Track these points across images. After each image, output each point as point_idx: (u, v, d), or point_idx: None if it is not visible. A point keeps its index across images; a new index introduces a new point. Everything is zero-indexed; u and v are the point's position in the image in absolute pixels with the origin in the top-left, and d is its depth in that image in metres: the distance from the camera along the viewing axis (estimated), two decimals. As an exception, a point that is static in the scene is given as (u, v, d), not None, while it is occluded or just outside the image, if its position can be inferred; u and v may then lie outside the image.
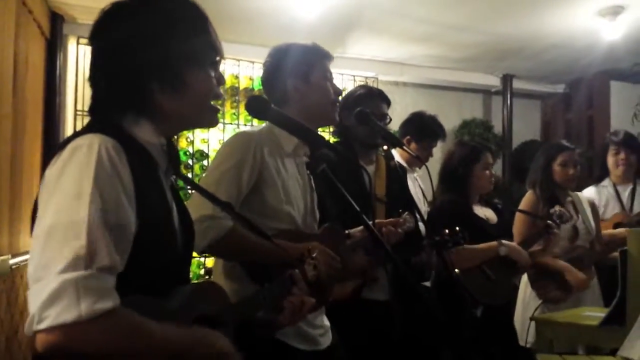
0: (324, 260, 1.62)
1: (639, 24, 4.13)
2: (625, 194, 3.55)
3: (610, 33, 4.20)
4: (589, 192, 3.63)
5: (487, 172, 2.93)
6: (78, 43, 4.22)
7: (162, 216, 1.09)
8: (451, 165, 2.96)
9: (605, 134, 5.46)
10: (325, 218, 1.93)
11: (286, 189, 1.74)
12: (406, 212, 2.28)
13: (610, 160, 3.60)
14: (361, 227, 2.04)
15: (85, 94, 4.11)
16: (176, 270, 1.14)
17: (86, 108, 4.00)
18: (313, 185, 1.89)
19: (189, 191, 3.75)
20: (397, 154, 3.21)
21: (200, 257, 4.51)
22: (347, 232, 2.06)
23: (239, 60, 4.63)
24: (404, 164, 3.17)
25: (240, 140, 1.73)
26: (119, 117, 1.10)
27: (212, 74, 1.17)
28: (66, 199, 0.94)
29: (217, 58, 1.19)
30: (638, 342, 1.83)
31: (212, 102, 1.19)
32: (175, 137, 4.45)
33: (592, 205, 3.34)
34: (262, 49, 1.92)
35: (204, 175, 2.03)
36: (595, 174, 3.72)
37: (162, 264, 1.07)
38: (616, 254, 2.78)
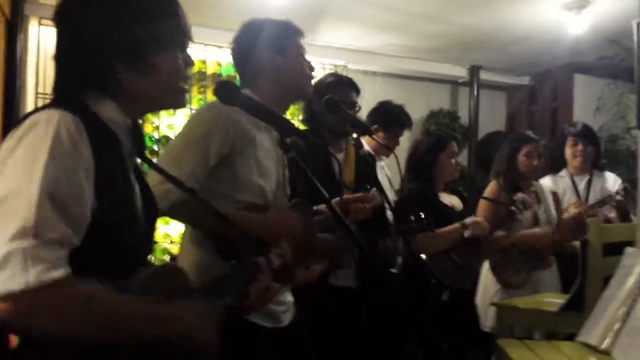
0: (291, 246, 1.61)
1: (603, 18, 4.21)
2: (582, 184, 3.64)
3: (576, 26, 4.28)
4: (546, 182, 3.72)
5: (453, 160, 2.98)
6: (40, 24, 4.09)
7: (123, 196, 1.07)
8: (418, 154, 3.02)
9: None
10: (294, 197, 1.93)
11: (259, 160, 1.73)
12: (374, 189, 2.30)
13: (568, 151, 3.68)
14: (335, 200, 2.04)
15: (47, 75, 4.01)
16: (137, 252, 1.13)
17: (48, 90, 3.90)
18: (285, 161, 1.88)
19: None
20: (365, 143, 3.22)
21: (165, 244, 4.46)
22: (315, 208, 2.07)
23: (206, 44, 4.57)
24: (372, 152, 3.18)
25: (211, 110, 1.71)
26: (82, 95, 1.08)
27: (180, 55, 1.16)
28: (19, 171, 0.92)
29: (186, 41, 1.18)
30: (596, 328, 1.88)
31: (180, 84, 1.18)
32: (141, 121, 4.38)
33: (554, 195, 3.41)
34: (230, 33, 1.89)
35: (170, 141, 1.99)
36: (555, 165, 3.80)
37: (122, 245, 1.05)
38: (575, 243, 2.86)
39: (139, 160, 1.24)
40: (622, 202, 3.34)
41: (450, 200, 3.03)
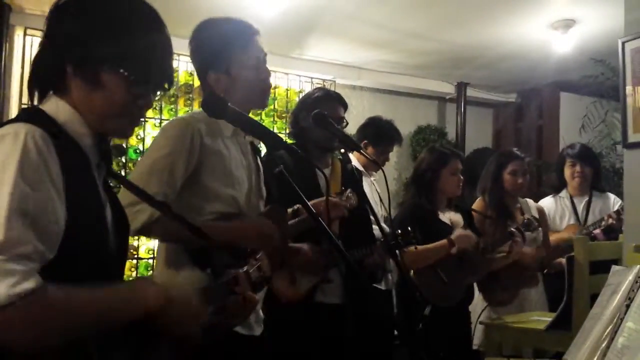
0: (269, 256, 1.60)
1: (588, 38, 4.27)
2: (581, 205, 3.65)
3: (562, 45, 4.33)
4: (547, 202, 3.73)
5: (455, 177, 2.99)
6: (25, 34, 4.05)
7: (93, 212, 1.05)
8: (420, 169, 3.06)
9: (554, 143, 5.67)
10: (270, 202, 1.92)
11: (228, 170, 1.71)
12: (348, 190, 2.30)
13: (567, 172, 3.70)
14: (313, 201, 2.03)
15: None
16: (108, 268, 1.10)
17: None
18: (260, 164, 1.86)
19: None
20: (354, 158, 3.22)
21: (148, 259, 4.40)
22: (295, 207, 2.05)
23: (179, 54, 4.49)
24: (361, 168, 3.18)
25: (176, 127, 1.69)
26: (49, 109, 1.06)
27: (135, 91, 1.09)
28: None
29: (157, 82, 1.12)
30: (583, 347, 1.87)
31: (122, 117, 1.11)
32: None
33: (541, 213, 3.42)
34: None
35: (137, 163, 1.98)
36: (554, 185, 3.82)
37: (92, 262, 1.03)
38: (562, 260, 2.86)
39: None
40: (612, 225, 3.35)
41: (450, 216, 3.03)
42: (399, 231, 2.47)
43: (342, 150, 2.45)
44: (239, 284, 1.33)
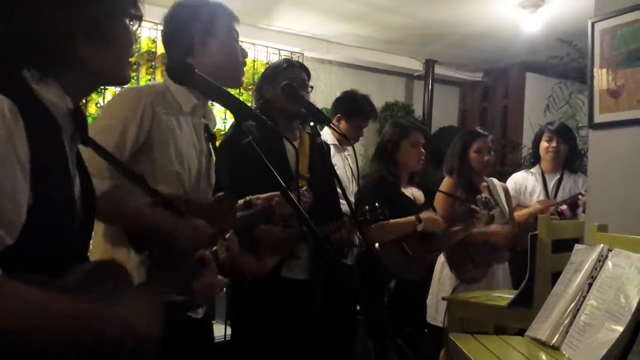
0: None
1: (557, 18, 4.29)
2: (552, 183, 3.71)
3: (530, 25, 4.34)
4: (518, 176, 3.79)
5: (415, 149, 2.99)
6: None
7: (61, 187, 0.99)
8: (382, 142, 3.09)
9: (519, 124, 5.73)
10: (219, 189, 1.88)
11: (178, 149, 1.67)
12: (305, 188, 2.27)
13: (542, 146, 3.75)
14: (263, 195, 2.01)
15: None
16: (74, 246, 1.05)
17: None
18: (212, 149, 1.82)
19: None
20: (328, 132, 3.17)
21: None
22: (247, 198, 2.01)
23: (157, 23, 4.27)
24: (336, 142, 3.13)
25: (129, 97, 1.64)
26: (23, 74, 0.98)
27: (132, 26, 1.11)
28: None
29: (137, 14, 1.12)
30: (545, 324, 1.90)
31: (129, 58, 1.13)
32: (83, 101, 4.18)
33: (506, 191, 3.46)
34: (166, 10, 1.81)
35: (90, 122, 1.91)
36: (521, 163, 3.88)
37: (58, 239, 0.97)
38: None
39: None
40: (578, 201, 3.43)
41: (413, 192, 3.05)
42: (367, 207, 2.46)
43: (312, 124, 2.40)
44: (205, 265, 1.30)
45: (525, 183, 3.73)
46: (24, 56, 0.98)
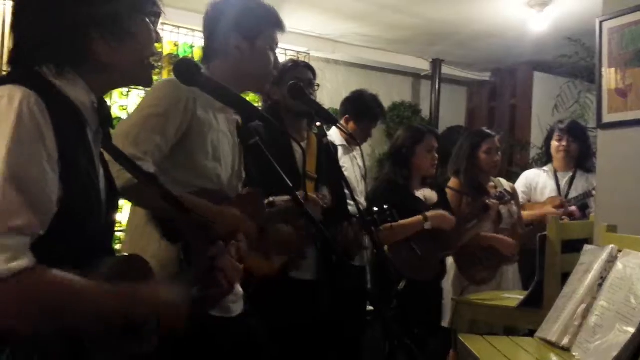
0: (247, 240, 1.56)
1: (565, 17, 4.26)
2: (564, 181, 3.68)
3: (538, 24, 4.32)
4: (531, 174, 3.78)
5: (430, 154, 3.00)
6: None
7: (87, 182, 1.00)
8: (396, 146, 3.08)
9: (527, 123, 5.70)
10: (248, 184, 1.87)
11: (215, 144, 1.65)
12: (324, 188, 2.26)
13: (553, 145, 3.73)
14: (286, 197, 1.99)
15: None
16: (99, 239, 1.06)
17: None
18: (240, 146, 1.81)
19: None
20: (337, 133, 3.15)
21: (117, 232, 4.30)
22: (271, 199, 2.01)
23: (163, 24, 4.40)
24: (344, 143, 3.12)
25: (171, 88, 1.61)
26: (46, 71, 0.99)
27: (153, 27, 1.11)
28: None
29: (159, 12, 1.13)
30: (555, 325, 1.88)
31: (150, 58, 1.13)
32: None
33: (513, 190, 3.44)
34: (189, 13, 1.80)
35: (124, 118, 1.91)
36: (531, 163, 3.86)
37: (84, 233, 0.99)
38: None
39: None
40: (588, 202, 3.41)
41: (424, 193, 3.04)
42: (376, 209, 2.45)
43: (319, 124, 2.40)
44: (224, 254, 1.29)
45: (537, 180, 3.71)
46: (43, 52, 1.00)
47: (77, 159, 0.98)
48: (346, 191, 2.32)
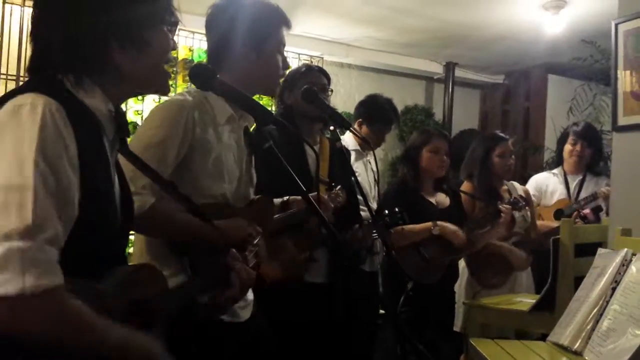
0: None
1: (580, 19, 4.24)
2: (574, 184, 3.67)
3: (552, 26, 4.30)
4: (541, 177, 3.76)
5: (436, 156, 2.99)
6: (4, 2, 3.92)
7: (103, 190, 1.01)
8: (406, 148, 3.14)
9: (541, 126, 5.67)
10: (258, 188, 1.87)
11: (218, 160, 1.65)
12: (338, 187, 2.27)
13: (566, 148, 3.70)
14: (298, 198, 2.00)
15: (11, 55, 3.85)
16: (113, 248, 1.07)
17: (11, 72, 3.71)
18: (251, 148, 1.81)
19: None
20: (350, 137, 3.15)
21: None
22: (285, 198, 2.02)
23: (178, 29, 4.44)
24: (357, 147, 3.12)
25: (170, 111, 1.61)
26: (64, 78, 1.01)
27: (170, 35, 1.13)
28: (8, 164, 0.86)
29: (175, 21, 1.14)
30: (568, 329, 1.87)
31: (166, 66, 1.14)
32: (123, 107, 4.23)
33: (527, 195, 3.43)
34: (202, 18, 1.80)
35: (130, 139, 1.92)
36: (544, 166, 3.84)
37: (99, 241, 1.00)
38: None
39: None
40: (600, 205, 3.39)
41: (436, 197, 3.05)
42: (386, 211, 2.46)
43: (332, 128, 2.41)
44: (237, 259, 1.30)
45: (546, 183, 3.69)
46: (62, 62, 1.01)
47: (95, 167, 0.99)
48: (359, 197, 2.33)
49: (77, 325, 0.88)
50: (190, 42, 4.49)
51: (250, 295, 1.81)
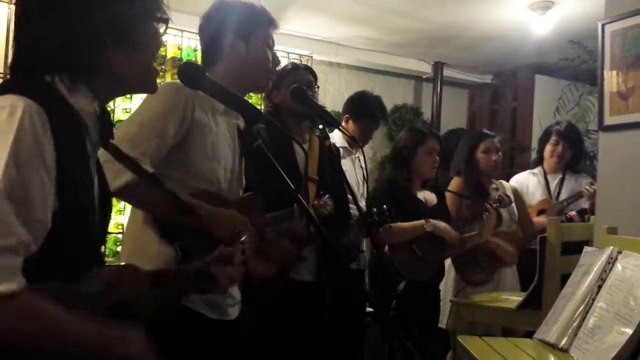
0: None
1: (567, 20, 4.27)
2: (554, 183, 3.71)
3: (540, 27, 4.32)
4: (521, 177, 3.78)
5: (431, 157, 3.01)
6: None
7: (83, 193, 0.99)
8: (398, 147, 3.09)
9: (528, 126, 5.71)
10: (247, 189, 1.89)
11: (215, 146, 1.67)
12: (327, 196, 2.27)
13: (548, 148, 3.74)
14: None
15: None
16: (91, 250, 1.06)
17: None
18: (241, 150, 1.83)
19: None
20: (338, 134, 3.14)
21: (117, 234, 4.32)
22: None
23: (167, 27, 4.41)
24: (345, 145, 3.12)
25: (171, 90, 1.63)
26: (52, 80, 0.98)
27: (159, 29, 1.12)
28: None
29: (167, 18, 1.13)
30: (554, 326, 1.90)
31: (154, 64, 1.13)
32: (111, 106, 4.20)
33: (515, 193, 3.45)
34: (192, 17, 1.81)
35: (125, 119, 1.93)
36: (530, 163, 3.87)
37: (78, 244, 0.98)
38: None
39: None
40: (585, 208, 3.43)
41: (424, 195, 3.06)
42: (375, 209, 2.47)
43: (321, 127, 2.41)
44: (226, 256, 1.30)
45: (527, 183, 3.72)
46: (53, 62, 0.98)
47: (75, 171, 0.97)
48: (349, 196, 2.33)
49: (43, 329, 0.85)
50: (179, 40, 4.46)
51: (236, 293, 1.81)
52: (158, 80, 1.30)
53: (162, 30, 1.12)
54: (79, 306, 0.91)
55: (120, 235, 4.34)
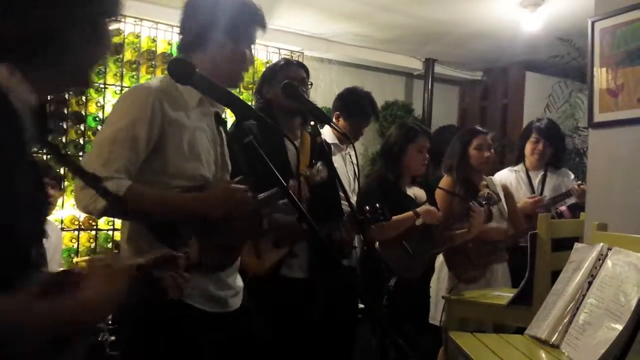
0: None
1: (557, 17, 4.29)
2: (537, 180, 3.73)
3: (530, 24, 4.34)
4: (503, 174, 3.79)
5: (421, 154, 3.01)
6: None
7: (20, 193, 0.93)
8: (388, 143, 3.09)
9: (519, 122, 5.73)
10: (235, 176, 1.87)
11: (192, 144, 1.65)
12: (319, 162, 2.27)
13: (528, 146, 3.75)
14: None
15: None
16: (24, 252, 0.98)
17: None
18: (224, 137, 1.81)
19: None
20: (329, 131, 3.13)
21: (108, 231, 4.30)
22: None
23: (157, 22, 4.38)
24: (336, 141, 3.11)
25: (137, 96, 1.62)
26: None
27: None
28: None
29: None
30: (545, 322, 1.90)
31: None
32: (83, 100, 4.17)
33: (505, 189, 3.46)
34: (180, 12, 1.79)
35: (98, 130, 1.91)
36: (514, 157, 3.88)
37: (14, 247, 0.92)
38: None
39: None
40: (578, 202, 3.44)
41: (414, 191, 3.06)
42: (367, 207, 2.46)
43: (312, 123, 2.40)
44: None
45: (509, 180, 3.73)
46: (10, 49, 0.93)
47: (9, 170, 0.90)
48: (340, 193, 2.33)
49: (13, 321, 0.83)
50: (170, 35, 4.43)
51: (239, 281, 1.80)
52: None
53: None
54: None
55: (110, 232, 4.32)
